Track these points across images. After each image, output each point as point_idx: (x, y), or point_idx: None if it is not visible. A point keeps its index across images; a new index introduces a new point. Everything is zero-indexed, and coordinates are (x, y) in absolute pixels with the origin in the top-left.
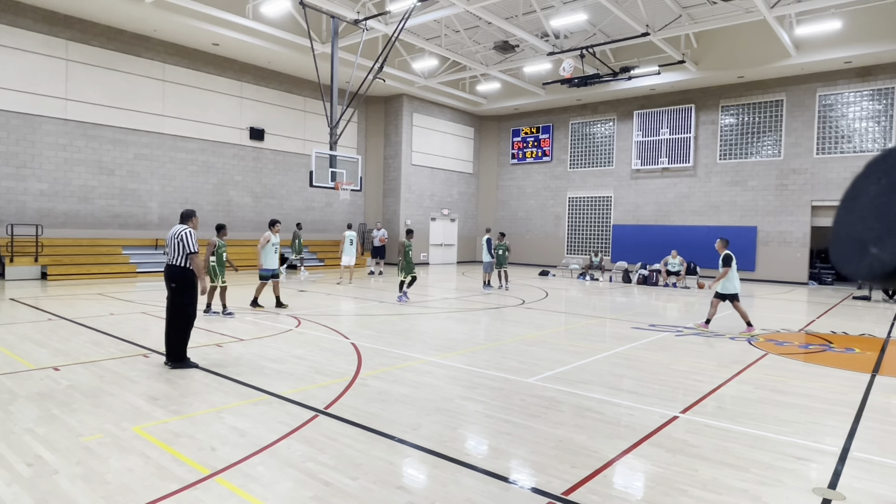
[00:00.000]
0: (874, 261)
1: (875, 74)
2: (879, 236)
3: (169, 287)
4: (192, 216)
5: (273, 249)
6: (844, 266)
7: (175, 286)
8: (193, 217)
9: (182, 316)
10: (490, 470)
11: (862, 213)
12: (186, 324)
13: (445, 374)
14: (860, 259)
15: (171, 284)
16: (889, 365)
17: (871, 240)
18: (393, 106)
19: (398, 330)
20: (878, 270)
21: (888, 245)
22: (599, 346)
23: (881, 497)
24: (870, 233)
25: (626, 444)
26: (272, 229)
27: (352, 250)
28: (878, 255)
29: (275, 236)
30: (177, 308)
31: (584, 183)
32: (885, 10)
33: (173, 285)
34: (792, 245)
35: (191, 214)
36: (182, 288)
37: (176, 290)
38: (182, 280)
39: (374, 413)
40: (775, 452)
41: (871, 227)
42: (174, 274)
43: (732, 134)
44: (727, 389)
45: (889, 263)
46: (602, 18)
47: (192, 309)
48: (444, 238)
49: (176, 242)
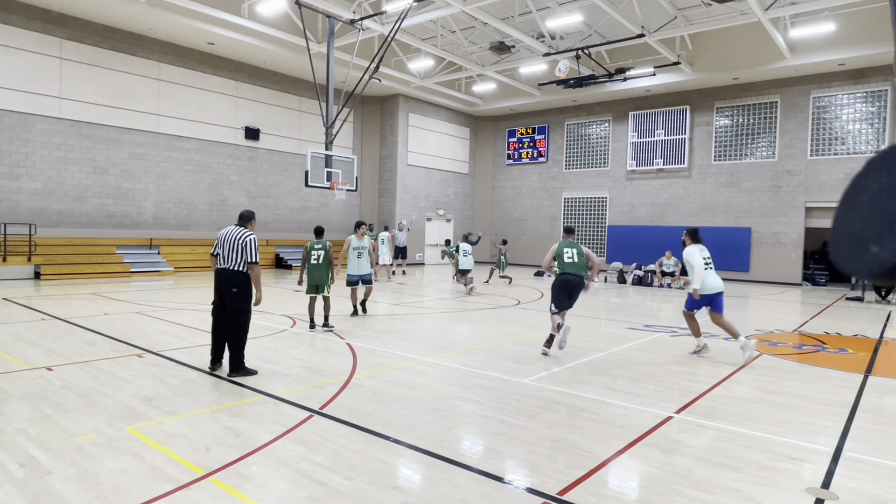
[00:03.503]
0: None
1: (868, 77)
2: (879, 234)
3: (229, 291)
4: (253, 218)
5: (356, 254)
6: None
7: (236, 291)
8: (254, 219)
9: (243, 322)
10: (485, 470)
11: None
12: (245, 329)
13: (441, 374)
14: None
15: (233, 289)
16: (881, 365)
17: (871, 238)
18: (389, 106)
19: (394, 330)
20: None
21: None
22: (594, 347)
23: (874, 496)
24: (870, 231)
25: (621, 444)
26: (356, 232)
27: (384, 249)
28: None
29: (358, 240)
30: (237, 313)
31: (579, 184)
32: (877, 12)
33: (234, 290)
34: (786, 246)
35: (251, 216)
36: (242, 293)
37: (237, 295)
38: (243, 285)
39: (369, 413)
40: (769, 452)
41: (871, 226)
42: (235, 278)
43: (727, 135)
44: (721, 390)
45: (888, 261)
46: (598, 19)
47: (249, 315)
48: (440, 238)
49: (240, 247)
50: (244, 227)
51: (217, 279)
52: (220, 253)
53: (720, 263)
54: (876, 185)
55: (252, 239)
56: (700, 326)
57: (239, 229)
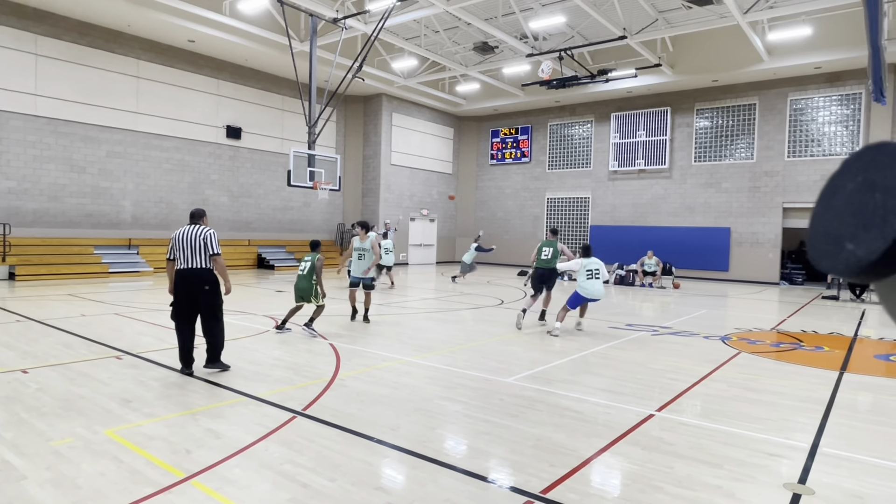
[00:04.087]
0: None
1: (843, 80)
2: (855, 233)
3: (201, 290)
4: (204, 215)
5: (356, 255)
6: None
7: (209, 288)
8: (206, 216)
9: (221, 316)
10: (469, 469)
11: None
12: (222, 323)
13: (424, 374)
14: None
15: (205, 287)
16: (856, 363)
17: (847, 236)
18: (372, 105)
19: (377, 330)
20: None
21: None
22: (577, 346)
23: (848, 491)
24: (846, 229)
25: (604, 442)
26: (362, 233)
27: None
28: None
29: (360, 241)
30: (214, 310)
31: (562, 184)
32: (852, 17)
33: (207, 287)
34: (764, 246)
35: (203, 213)
36: (215, 289)
37: (210, 292)
38: (214, 281)
39: (352, 414)
40: (748, 449)
41: (846, 224)
42: (206, 276)
43: (707, 137)
44: (702, 388)
45: (864, 259)
46: (580, 21)
47: (223, 307)
48: (423, 238)
49: (202, 243)
50: (199, 225)
51: (184, 281)
52: (177, 256)
53: (701, 263)
54: (851, 185)
55: (212, 233)
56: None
57: (195, 227)
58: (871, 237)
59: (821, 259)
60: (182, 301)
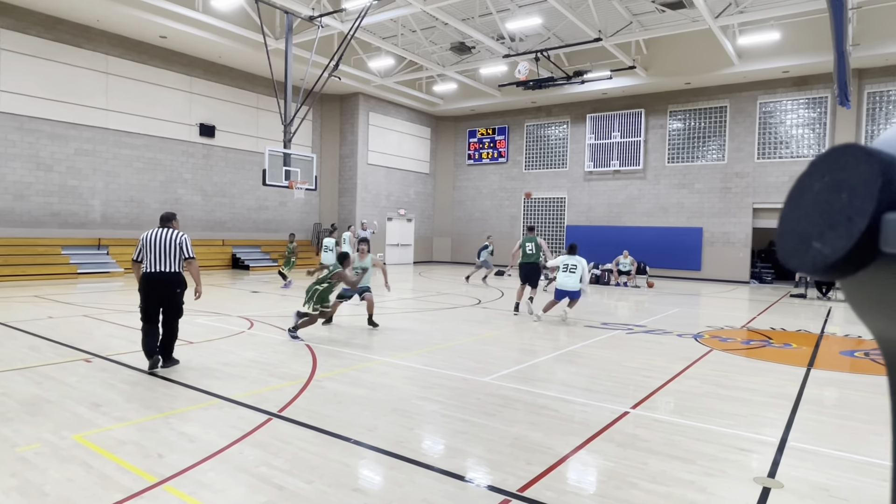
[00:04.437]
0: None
1: (810, 84)
2: (821, 232)
3: (173, 293)
4: (175, 218)
5: (354, 273)
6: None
7: (180, 291)
8: (176, 219)
9: (179, 316)
10: (446, 469)
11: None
12: (178, 320)
13: (402, 374)
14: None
15: (177, 290)
16: (823, 359)
17: (814, 235)
18: (349, 104)
19: (354, 331)
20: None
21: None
22: (553, 345)
23: (815, 483)
24: (813, 228)
25: (580, 439)
26: (358, 251)
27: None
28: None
29: (359, 259)
30: (177, 312)
31: (538, 184)
32: (818, 23)
33: (178, 290)
34: (735, 245)
35: (173, 216)
36: (184, 291)
37: (180, 295)
38: (183, 283)
39: (329, 415)
40: (720, 444)
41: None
42: (177, 280)
43: (680, 138)
44: (675, 385)
45: (830, 257)
46: (556, 23)
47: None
48: (400, 238)
49: (176, 247)
50: (170, 228)
51: (155, 284)
52: (145, 258)
53: (674, 262)
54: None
55: (186, 237)
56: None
57: (167, 231)
58: (837, 236)
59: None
60: (151, 303)
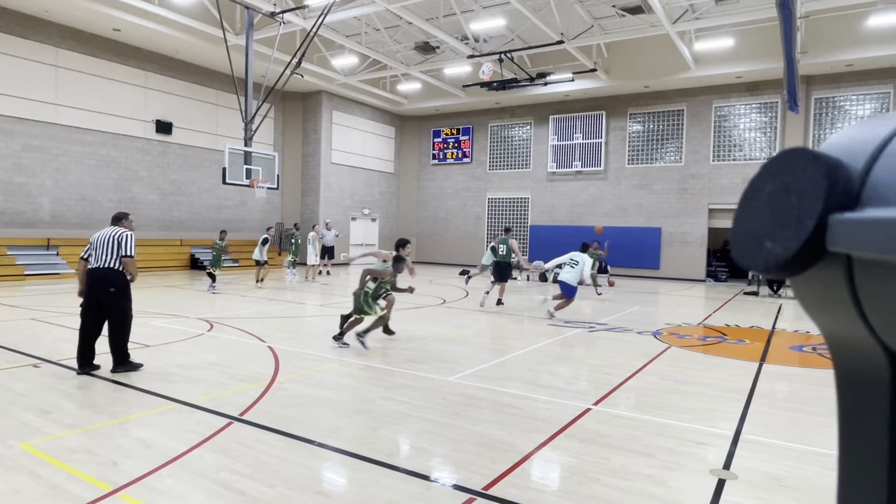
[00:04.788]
0: (768, 254)
1: (762, 89)
2: (773, 232)
3: (106, 292)
4: (126, 218)
5: None
6: (743, 260)
7: (114, 290)
8: (127, 219)
9: (126, 319)
10: (412, 469)
11: (757, 211)
12: (128, 325)
13: (366, 375)
14: (756, 253)
15: (110, 289)
16: (774, 354)
17: (766, 235)
18: (312, 103)
19: (318, 332)
20: (771, 263)
21: (780, 240)
22: (517, 343)
23: (767, 474)
24: (765, 228)
25: (543, 437)
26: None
27: (311, 250)
28: (771, 249)
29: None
30: (118, 313)
31: (502, 184)
32: (770, 30)
33: (112, 290)
34: (692, 245)
35: (124, 216)
36: (121, 291)
37: (115, 295)
38: (120, 284)
39: (292, 418)
40: (678, 438)
41: (765, 224)
42: (111, 277)
43: (639, 140)
44: (635, 381)
45: (781, 256)
46: (520, 25)
47: (131, 310)
48: (364, 238)
49: (115, 243)
50: (120, 227)
51: (90, 280)
52: (91, 255)
53: (634, 262)
54: (769, 187)
55: (129, 234)
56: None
57: (114, 229)
58: (787, 236)
59: (743, 257)
60: (88, 299)
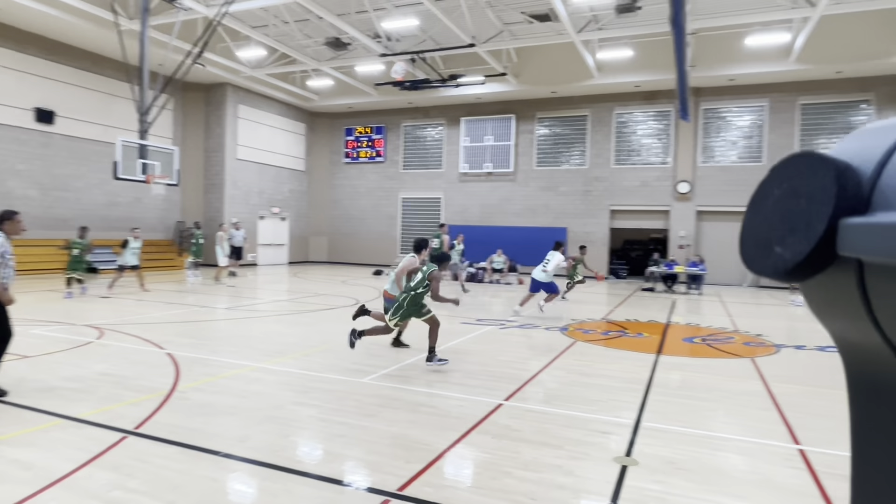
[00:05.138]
0: (778, 259)
1: (658, 98)
2: (782, 236)
3: None
4: (9, 219)
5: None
6: (752, 265)
7: None
8: (10, 220)
9: (4, 332)
10: (324, 475)
11: (766, 215)
12: (6, 341)
13: (276, 380)
14: (766, 258)
15: None
16: (669, 346)
17: (775, 240)
18: (215, 95)
19: (223, 336)
20: (781, 268)
21: (790, 244)
22: None
23: (665, 458)
24: (774, 233)
25: (457, 434)
26: (419, 254)
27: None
28: (781, 254)
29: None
30: None
31: (415, 184)
32: (665, 44)
33: None
34: (595, 244)
35: (7, 216)
36: None
37: None
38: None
39: (195, 428)
40: (585, 429)
41: (774, 228)
42: None
43: (547, 143)
44: (544, 375)
45: (790, 261)
46: (432, 26)
47: (9, 325)
48: (274, 238)
49: None
50: None
51: None
52: None
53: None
54: (778, 191)
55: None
56: None
57: None
58: (797, 240)
59: (751, 262)
60: None
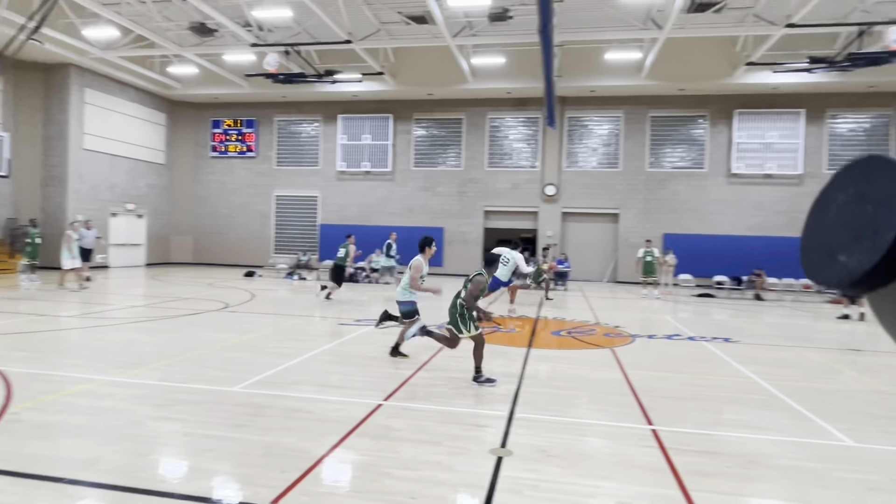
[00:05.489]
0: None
1: (528, 105)
2: (847, 245)
3: None
4: None
5: None
6: (815, 274)
7: None
8: None
9: None
10: (189, 493)
11: (830, 222)
12: None
13: (132, 394)
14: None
15: None
16: (538, 339)
17: (839, 248)
18: (57, 77)
19: (67, 348)
20: (845, 278)
21: (855, 253)
22: (307, 345)
23: (537, 447)
24: (837, 241)
25: (336, 438)
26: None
27: (66, 253)
28: (845, 263)
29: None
30: None
31: (290, 182)
32: (535, 53)
33: None
34: (470, 244)
35: None
36: None
37: None
38: None
39: (31, 454)
40: (462, 424)
41: (838, 236)
42: None
43: (424, 144)
44: (423, 373)
45: (856, 271)
46: (307, 19)
47: None
48: (128, 237)
49: None
50: None
51: None
52: None
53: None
54: (842, 197)
55: None
56: None
57: None
58: (863, 249)
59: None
60: None
